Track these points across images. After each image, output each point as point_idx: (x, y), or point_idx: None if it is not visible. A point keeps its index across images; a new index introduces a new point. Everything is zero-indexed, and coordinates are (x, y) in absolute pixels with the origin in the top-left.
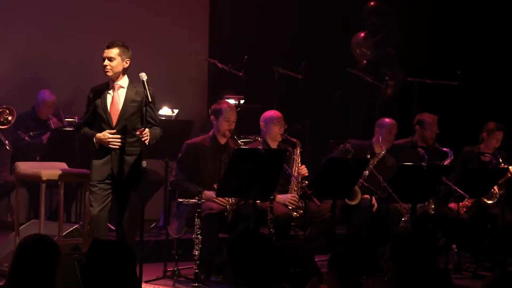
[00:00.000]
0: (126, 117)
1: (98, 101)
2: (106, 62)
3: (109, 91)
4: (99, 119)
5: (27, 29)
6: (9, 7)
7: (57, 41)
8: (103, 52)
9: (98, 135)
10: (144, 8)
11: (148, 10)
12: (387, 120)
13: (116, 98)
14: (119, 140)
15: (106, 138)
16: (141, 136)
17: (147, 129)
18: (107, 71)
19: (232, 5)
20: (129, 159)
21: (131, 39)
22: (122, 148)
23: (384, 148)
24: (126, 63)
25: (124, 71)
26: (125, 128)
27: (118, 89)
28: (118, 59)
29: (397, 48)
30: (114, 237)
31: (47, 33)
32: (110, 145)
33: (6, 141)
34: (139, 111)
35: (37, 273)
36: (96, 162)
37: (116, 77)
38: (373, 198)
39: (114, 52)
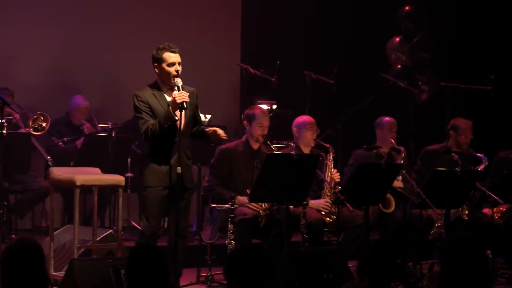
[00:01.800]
0: (189, 120)
1: (157, 105)
2: (178, 67)
3: (168, 95)
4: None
5: (60, 35)
6: (42, 15)
7: (89, 47)
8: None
9: (170, 101)
10: (177, 14)
11: (180, 17)
12: (386, 118)
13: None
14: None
15: (175, 96)
16: (220, 136)
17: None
18: (177, 76)
19: (264, 10)
20: (189, 163)
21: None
22: (183, 152)
23: (385, 147)
24: None
25: None
26: (188, 131)
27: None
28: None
29: (431, 53)
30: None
31: (79, 39)
32: (182, 99)
33: (48, 157)
34: (193, 113)
35: (27, 276)
36: (155, 165)
37: (180, 81)
38: None
39: (179, 56)
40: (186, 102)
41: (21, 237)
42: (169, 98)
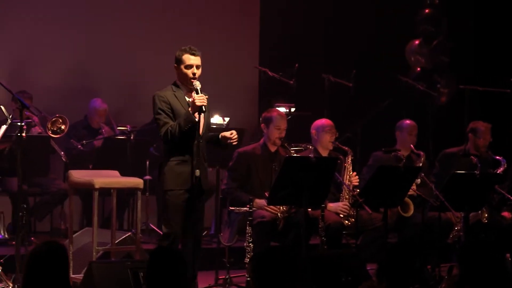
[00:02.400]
0: (207, 124)
1: (178, 106)
2: (195, 69)
3: (188, 97)
4: None
5: (78, 39)
6: (61, 18)
7: (108, 50)
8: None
9: (191, 103)
10: (195, 17)
11: (199, 20)
12: (407, 121)
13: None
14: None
15: (195, 99)
16: (232, 139)
17: (234, 131)
18: (196, 79)
19: (282, 13)
20: (206, 165)
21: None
22: (203, 155)
23: (404, 152)
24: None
25: None
26: (205, 135)
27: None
28: (200, 67)
29: (451, 55)
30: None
31: (98, 43)
32: (201, 102)
33: (62, 153)
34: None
35: (50, 277)
36: (175, 169)
37: (199, 84)
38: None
39: (199, 59)
40: (205, 105)
41: (49, 240)
42: (188, 100)
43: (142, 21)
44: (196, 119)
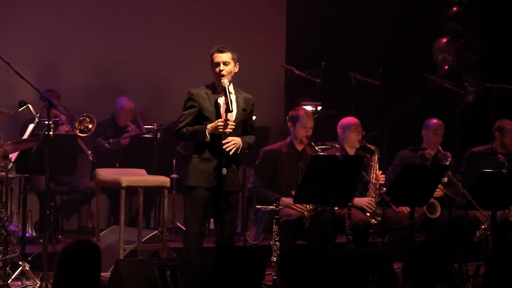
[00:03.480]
0: (238, 124)
1: (207, 105)
2: (222, 67)
3: (219, 96)
4: (206, 124)
5: (105, 38)
6: (88, 17)
7: (135, 48)
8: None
9: (210, 124)
10: (222, 16)
11: (225, 19)
12: (434, 120)
13: (228, 105)
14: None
15: (218, 123)
16: (226, 146)
17: (230, 138)
18: (223, 76)
19: (308, 12)
20: (234, 167)
21: (208, 47)
22: (234, 154)
23: (431, 151)
24: (236, 67)
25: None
26: (235, 135)
27: (229, 95)
28: (232, 64)
29: (478, 54)
30: None
31: (125, 41)
32: (225, 129)
33: (89, 152)
34: (244, 119)
35: (82, 277)
36: (199, 166)
37: (228, 82)
38: None
39: (227, 56)
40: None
41: (82, 238)
42: (220, 100)
43: (169, 20)
44: (208, 139)
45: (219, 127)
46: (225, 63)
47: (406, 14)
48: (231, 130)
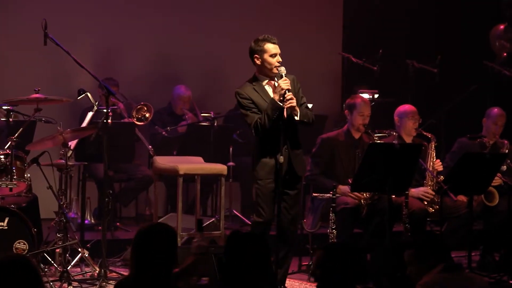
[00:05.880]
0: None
1: (260, 99)
2: (279, 58)
3: (266, 85)
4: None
5: (163, 26)
6: (146, 6)
7: (192, 37)
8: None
9: (275, 89)
10: (279, 3)
11: (282, 6)
12: (495, 110)
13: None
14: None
15: (280, 83)
16: (287, 100)
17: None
18: (279, 67)
19: None
20: (298, 152)
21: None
22: (296, 140)
23: (490, 140)
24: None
25: None
26: (292, 119)
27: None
28: None
29: None
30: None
31: (182, 30)
32: (285, 86)
33: (150, 146)
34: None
35: (159, 259)
36: (264, 158)
37: (284, 69)
38: None
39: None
40: (289, 89)
41: (156, 222)
42: (269, 89)
43: (225, 8)
44: (282, 105)
45: (282, 84)
46: (280, 55)
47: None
48: (289, 87)
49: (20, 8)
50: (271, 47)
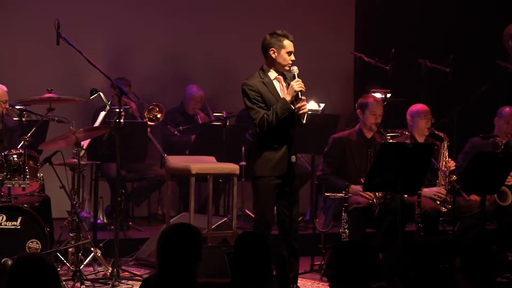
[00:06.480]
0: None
1: (268, 94)
2: (293, 56)
3: (274, 80)
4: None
5: (175, 26)
6: (158, 6)
7: (204, 37)
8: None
9: (288, 90)
10: (290, 3)
11: (294, 5)
12: (507, 109)
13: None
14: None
15: (293, 85)
16: (299, 106)
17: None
18: (292, 66)
19: None
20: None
21: None
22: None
23: (503, 139)
24: None
25: None
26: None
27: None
28: None
29: None
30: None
31: (194, 30)
32: (300, 87)
33: (161, 149)
34: None
35: (183, 258)
36: (267, 155)
37: (296, 69)
38: None
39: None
40: (302, 91)
41: (180, 222)
42: (277, 84)
43: (237, 8)
44: (293, 107)
45: (295, 86)
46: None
47: None
48: (303, 89)
49: (33, 9)
50: (289, 44)
